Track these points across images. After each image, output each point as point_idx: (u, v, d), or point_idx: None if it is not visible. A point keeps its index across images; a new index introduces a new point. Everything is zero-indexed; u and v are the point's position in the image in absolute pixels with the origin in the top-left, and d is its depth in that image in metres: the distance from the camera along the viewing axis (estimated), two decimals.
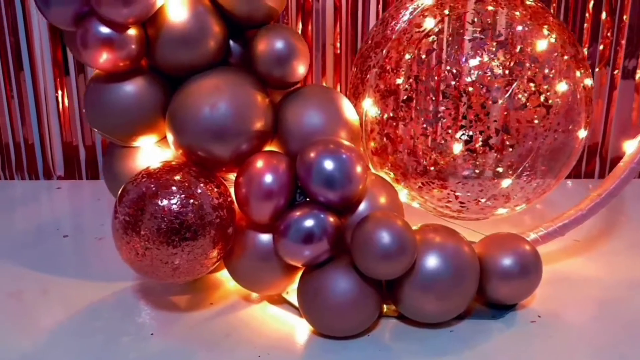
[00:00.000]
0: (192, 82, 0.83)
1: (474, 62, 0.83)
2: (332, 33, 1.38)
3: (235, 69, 0.86)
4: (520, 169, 0.92)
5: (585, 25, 1.37)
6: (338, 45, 1.38)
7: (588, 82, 0.91)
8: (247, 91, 0.83)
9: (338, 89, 1.41)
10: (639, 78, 1.40)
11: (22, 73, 1.39)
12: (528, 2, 0.90)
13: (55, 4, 0.78)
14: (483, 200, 0.87)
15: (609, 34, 1.37)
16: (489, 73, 0.81)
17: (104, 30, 0.78)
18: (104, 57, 0.79)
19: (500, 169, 0.91)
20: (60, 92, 1.40)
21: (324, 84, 1.40)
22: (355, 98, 0.92)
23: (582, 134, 0.92)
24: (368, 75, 0.88)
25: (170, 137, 0.85)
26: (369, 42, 0.92)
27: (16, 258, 1.03)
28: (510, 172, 0.92)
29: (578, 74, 0.90)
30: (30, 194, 1.34)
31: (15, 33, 1.36)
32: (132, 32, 0.79)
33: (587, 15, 1.36)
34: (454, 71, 0.81)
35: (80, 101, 1.41)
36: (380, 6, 1.36)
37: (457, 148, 0.84)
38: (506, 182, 0.93)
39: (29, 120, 1.42)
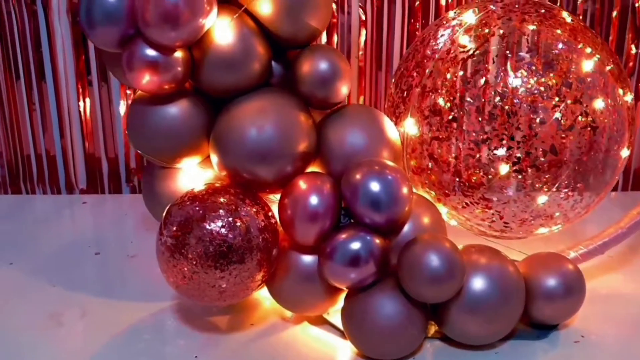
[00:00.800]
0: (237, 104, 0.83)
1: (518, 82, 0.83)
2: (357, 46, 1.37)
3: (278, 90, 0.86)
4: (557, 185, 0.92)
5: (610, 37, 1.37)
6: (361, 53, 1.37)
7: (629, 99, 0.91)
8: (291, 113, 0.83)
9: (361, 101, 1.41)
10: None
11: (45, 84, 1.37)
12: (568, 20, 0.90)
13: (101, 25, 0.77)
14: (529, 219, 0.87)
15: (633, 45, 1.37)
16: (537, 93, 0.80)
17: (151, 52, 0.78)
18: (150, 80, 0.79)
19: (538, 185, 0.91)
20: (82, 103, 1.39)
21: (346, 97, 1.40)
22: (396, 117, 0.92)
23: (625, 153, 0.92)
24: (410, 95, 0.88)
25: (214, 158, 0.84)
26: (409, 60, 0.92)
27: (52, 277, 1.02)
28: (546, 189, 0.92)
29: (621, 91, 0.90)
30: (56, 210, 1.33)
31: (38, 43, 1.35)
32: (178, 54, 0.79)
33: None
34: (501, 92, 0.81)
35: (104, 111, 1.40)
36: (405, 19, 1.35)
37: (504, 169, 0.83)
38: (542, 199, 0.93)
39: (51, 130, 1.41)
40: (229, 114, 0.83)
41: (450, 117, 0.84)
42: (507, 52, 0.83)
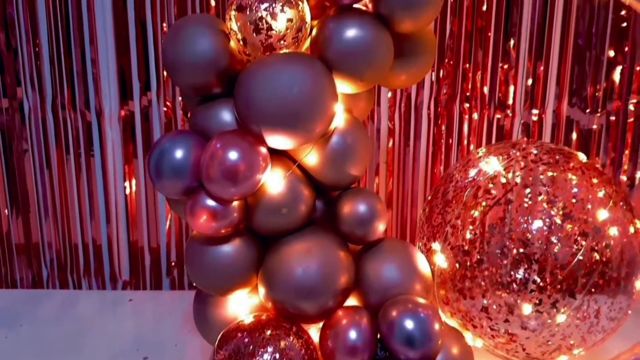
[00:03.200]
0: (285, 244, 0.92)
1: (540, 225, 0.92)
2: (385, 153, 1.47)
3: (321, 230, 0.95)
4: (573, 306, 0.99)
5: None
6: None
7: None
8: (334, 252, 0.92)
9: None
10: None
11: (93, 164, 1.46)
12: (584, 160, 0.99)
13: (167, 179, 0.87)
14: (550, 343, 0.94)
15: None
16: (555, 242, 0.89)
17: (211, 202, 0.87)
18: (209, 225, 0.88)
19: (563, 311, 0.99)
20: (127, 183, 1.48)
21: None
22: (427, 250, 1.00)
23: (639, 285, 1.00)
24: (440, 233, 0.97)
25: (262, 290, 0.93)
26: (439, 197, 1.01)
27: None
28: (564, 310, 0.99)
29: (632, 229, 0.98)
30: (102, 308, 1.40)
31: (90, 144, 1.45)
32: (235, 203, 0.88)
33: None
34: (524, 239, 0.89)
35: (148, 196, 1.48)
36: (431, 127, 1.45)
37: (528, 309, 0.91)
38: (561, 318, 1.00)
39: (98, 216, 1.49)
40: (278, 253, 0.92)
41: (477, 258, 0.92)
42: (530, 201, 0.91)
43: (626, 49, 1.38)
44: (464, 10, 1.37)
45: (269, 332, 0.89)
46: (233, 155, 0.85)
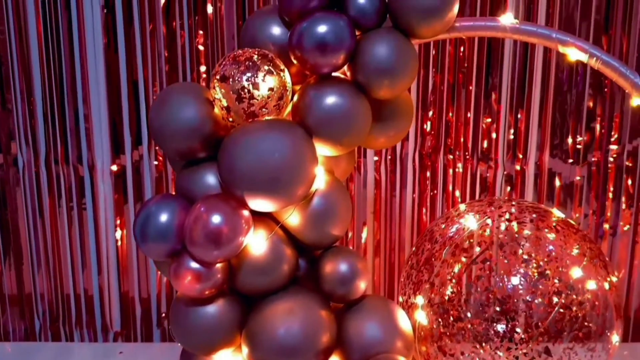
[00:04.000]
0: (268, 304, 0.94)
1: (517, 282, 0.94)
2: (372, 203, 1.50)
3: (304, 289, 0.97)
4: None
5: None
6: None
7: (614, 280, 1.01)
8: (316, 312, 0.94)
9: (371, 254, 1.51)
10: None
11: (84, 215, 1.48)
12: (560, 217, 1.02)
13: (152, 242, 0.90)
14: None
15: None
16: (531, 299, 0.91)
17: (195, 265, 0.89)
18: (193, 287, 0.90)
19: None
20: (119, 234, 1.50)
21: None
22: (409, 307, 1.02)
23: (615, 338, 1.02)
24: (420, 290, 0.99)
25: (245, 350, 0.95)
26: (419, 254, 1.04)
27: None
28: None
29: (607, 285, 1.00)
30: None
31: (82, 194, 1.48)
32: (219, 265, 0.91)
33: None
34: (500, 298, 0.92)
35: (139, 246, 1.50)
36: (416, 178, 1.48)
37: None
38: None
39: (90, 266, 1.50)
40: (261, 313, 0.94)
41: (456, 315, 0.95)
42: (506, 259, 0.94)
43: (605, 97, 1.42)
44: (446, 66, 1.42)
45: None
46: (216, 218, 0.87)
